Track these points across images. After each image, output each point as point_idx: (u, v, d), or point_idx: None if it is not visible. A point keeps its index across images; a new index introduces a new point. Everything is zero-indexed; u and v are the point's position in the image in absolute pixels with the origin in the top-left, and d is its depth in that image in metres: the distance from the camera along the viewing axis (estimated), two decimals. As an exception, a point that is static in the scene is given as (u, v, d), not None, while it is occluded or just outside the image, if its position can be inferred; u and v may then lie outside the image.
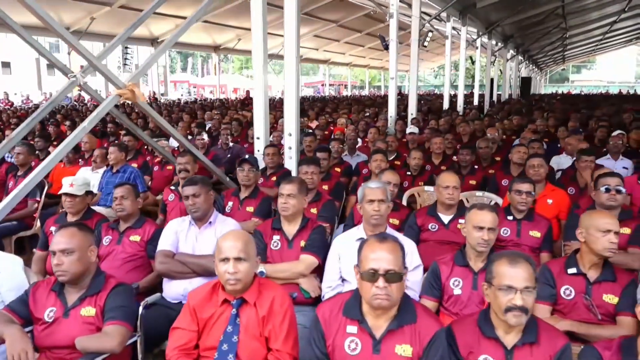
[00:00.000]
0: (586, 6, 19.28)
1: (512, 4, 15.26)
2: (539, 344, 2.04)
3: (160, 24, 18.87)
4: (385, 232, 3.06)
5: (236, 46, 23.45)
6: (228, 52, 26.48)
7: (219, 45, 23.89)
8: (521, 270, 2.02)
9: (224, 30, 20.79)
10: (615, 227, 2.64)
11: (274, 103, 19.31)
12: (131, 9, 15.37)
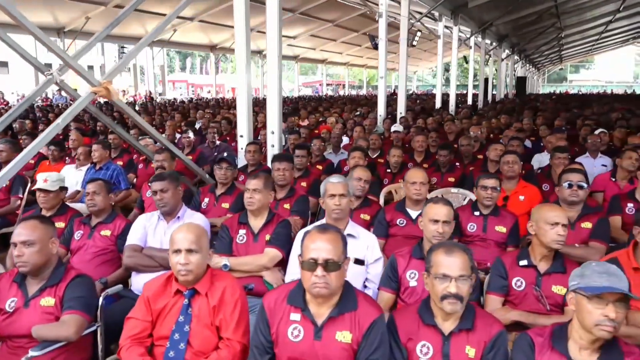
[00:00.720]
0: (580, 6, 19.33)
1: (505, 3, 15.32)
2: (475, 330, 2.11)
3: (155, 24, 18.95)
4: (337, 224, 3.14)
5: (233, 46, 23.49)
6: (225, 52, 26.58)
7: (215, 44, 24.00)
8: (457, 259, 2.09)
9: (220, 30, 20.87)
10: (562, 220, 2.71)
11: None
12: (122, 8, 15.42)
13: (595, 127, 8.18)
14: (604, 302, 1.89)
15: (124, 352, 2.30)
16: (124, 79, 39.23)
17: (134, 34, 19.88)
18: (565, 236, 2.71)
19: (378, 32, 10.48)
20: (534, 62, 38.46)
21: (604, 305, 1.88)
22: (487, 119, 10.45)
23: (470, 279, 2.09)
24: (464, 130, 8.71)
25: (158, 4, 15.49)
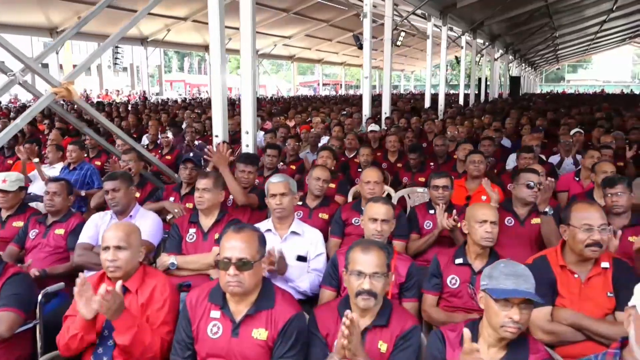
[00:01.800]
0: (572, 6, 19.35)
1: (494, 3, 15.34)
2: (389, 326, 2.16)
3: (149, 24, 19.02)
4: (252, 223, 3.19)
5: (227, 45, 23.53)
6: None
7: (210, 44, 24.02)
8: (372, 257, 2.13)
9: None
10: (491, 218, 2.76)
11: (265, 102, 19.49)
12: (119, 8, 15.46)
13: (574, 127, 8.23)
14: (509, 304, 1.93)
15: (62, 347, 2.34)
16: (121, 79, 39.36)
17: (126, 34, 19.95)
18: (494, 233, 2.76)
19: (374, 32, 10.49)
20: (530, 62, 38.46)
21: (509, 307, 1.93)
22: (471, 119, 10.48)
23: (385, 276, 2.13)
24: (445, 130, 8.75)
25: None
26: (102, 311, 2.14)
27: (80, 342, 2.29)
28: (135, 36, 20.55)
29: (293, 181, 3.38)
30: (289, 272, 2.99)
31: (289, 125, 9.51)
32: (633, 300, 1.71)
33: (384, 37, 10.79)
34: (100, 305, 2.09)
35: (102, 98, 25.35)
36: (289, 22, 20.68)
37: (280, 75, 53.05)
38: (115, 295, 2.12)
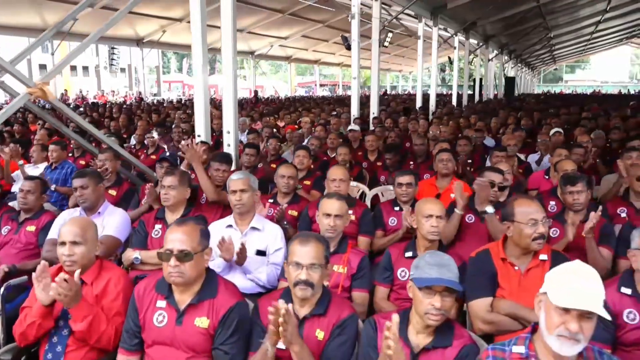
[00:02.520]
0: (565, 6, 19.42)
1: (486, 4, 15.41)
2: (327, 315, 2.26)
3: (145, 25, 19.13)
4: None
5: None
6: (215, 53, 26.66)
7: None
8: (309, 248, 2.23)
9: (209, 31, 20.92)
10: (436, 212, 2.87)
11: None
12: (114, 9, 15.56)
13: (558, 126, 8.31)
14: (432, 292, 2.04)
15: (19, 336, 2.44)
16: (119, 79, 39.46)
17: (122, 35, 20.09)
18: (439, 227, 2.86)
19: (369, 33, 10.58)
20: (526, 62, 38.52)
21: (432, 295, 2.03)
22: (458, 119, 10.58)
23: (322, 267, 2.23)
24: (430, 130, 8.84)
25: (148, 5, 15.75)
26: (59, 298, 2.24)
27: (37, 329, 2.39)
28: (131, 37, 20.63)
29: (254, 178, 3.48)
30: (248, 265, 3.09)
31: (272, 125, 9.61)
32: (544, 287, 1.82)
33: (372, 38, 10.89)
34: (57, 291, 2.19)
35: (98, 99, 25.41)
36: (285, 23, 20.76)
37: (279, 76, 53.24)
38: (72, 283, 2.22)
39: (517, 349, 1.86)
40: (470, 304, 2.66)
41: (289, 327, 1.98)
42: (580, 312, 1.67)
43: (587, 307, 1.66)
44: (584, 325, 1.68)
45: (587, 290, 1.69)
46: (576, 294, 1.68)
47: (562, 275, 1.76)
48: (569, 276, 1.75)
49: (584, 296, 1.67)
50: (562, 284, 1.73)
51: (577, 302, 1.67)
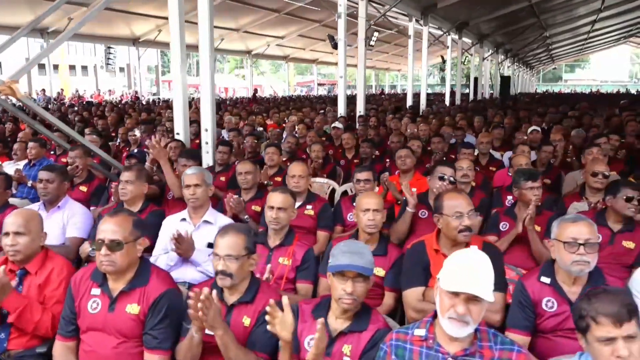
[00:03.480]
0: (558, 5, 19.45)
1: (477, 3, 15.48)
2: (253, 303, 2.35)
3: (141, 24, 19.24)
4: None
5: (219, 46, 23.71)
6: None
7: (201, 44, 24.18)
8: (226, 240, 2.33)
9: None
10: (373, 206, 2.96)
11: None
12: (108, 9, 15.66)
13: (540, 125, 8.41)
14: (345, 278, 2.13)
15: None
16: (118, 79, 39.63)
17: (118, 35, 20.22)
18: (376, 220, 2.96)
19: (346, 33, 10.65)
20: (524, 62, 38.52)
21: (345, 281, 2.12)
22: (443, 117, 10.67)
23: (240, 258, 2.32)
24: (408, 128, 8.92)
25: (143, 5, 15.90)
26: None
27: None
28: (127, 37, 20.74)
29: (208, 173, 3.58)
30: (197, 257, 3.19)
31: (261, 124, 9.72)
32: (439, 274, 1.91)
33: (358, 38, 10.97)
34: None
35: (95, 98, 25.57)
36: (281, 22, 20.81)
37: (279, 76, 53.33)
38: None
39: (419, 332, 1.95)
40: (404, 293, 2.76)
41: (210, 312, 2.08)
42: (467, 295, 1.76)
43: (472, 291, 1.76)
44: (471, 308, 1.78)
45: (473, 276, 1.79)
46: (463, 279, 1.78)
47: (453, 262, 1.86)
48: (458, 263, 1.84)
49: (470, 281, 1.77)
50: (451, 270, 1.83)
51: (463, 287, 1.77)
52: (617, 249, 3.32)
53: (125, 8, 16.19)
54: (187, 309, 2.28)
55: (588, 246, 2.31)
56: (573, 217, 2.46)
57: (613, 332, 1.67)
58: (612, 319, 1.67)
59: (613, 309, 1.68)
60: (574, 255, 2.32)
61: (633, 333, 1.67)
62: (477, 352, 1.85)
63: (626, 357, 1.65)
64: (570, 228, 2.36)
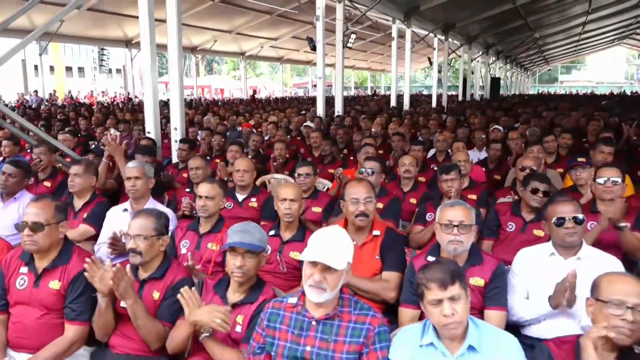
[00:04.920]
0: (545, 8, 19.66)
1: (461, 5, 15.71)
2: (163, 278, 2.63)
3: (133, 26, 19.49)
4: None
5: (213, 47, 23.98)
6: (205, 54, 27.10)
7: (196, 46, 24.44)
8: (136, 221, 2.62)
9: (200, 32, 21.28)
10: (290, 196, 3.25)
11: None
12: (99, 10, 15.96)
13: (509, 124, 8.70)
14: (236, 254, 2.40)
15: None
16: (115, 80, 39.99)
17: (110, 36, 20.49)
18: (293, 210, 3.23)
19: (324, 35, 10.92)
20: (517, 63, 38.76)
21: (236, 256, 2.39)
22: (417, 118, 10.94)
23: (149, 238, 2.58)
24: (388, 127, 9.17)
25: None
26: None
27: None
28: (120, 38, 21.01)
29: (149, 166, 3.85)
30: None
31: (235, 124, 9.99)
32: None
33: (336, 39, 11.25)
34: None
35: (88, 99, 25.90)
36: (274, 24, 20.99)
37: (277, 77, 53.64)
38: None
39: (292, 300, 2.22)
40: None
41: (122, 284, 2.37)
42: (322, 265, 2.03)
43: (325, 260, 2.03)
44: (327, 277, 2.05)
45: (328, 248, 2.05)
46: (319, 251, 2.05)
47: (315, 237, 2.14)
48: (318, 238, 2.12)
49: (324, 252, 2.04)
50: (312, 243, 2.10)
51: (318, 257, 2.03)
52: (528, 236, 3.56)
53: (117, 10, 16.45)
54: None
55: (461, 227, 2.57)
56: (451, 203, 2.72)
57: (439, 295, 1.93)
58: (438, 284, 1.93)
59: (439, 275, 1.94)
60: (449, 236, 2.58)
61: (456, 295, 1.93)
62: (337, 315, 2.12)
63: (450, 315, 1.92)
64: (447, 212, 2.63)
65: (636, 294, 1.89)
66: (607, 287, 1.94)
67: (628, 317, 1.85)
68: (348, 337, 2.09)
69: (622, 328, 1.85)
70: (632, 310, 1.86)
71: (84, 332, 2.57)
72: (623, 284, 1.93)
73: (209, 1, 15.84)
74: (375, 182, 4.15)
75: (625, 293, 1.89)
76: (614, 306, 1.88)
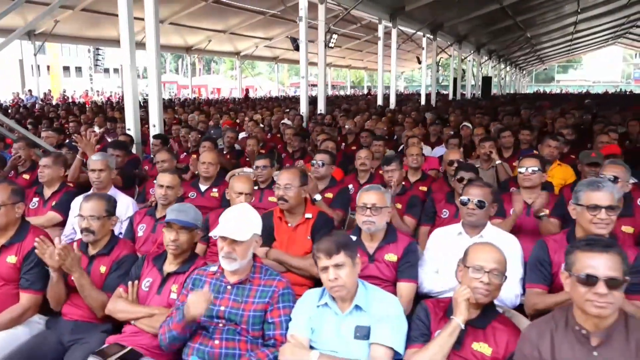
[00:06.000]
0: (531, 8, 19.92)
1: (446, 6, 15.96)
2: (110, 255, 2.95)
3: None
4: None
5: (207, 47, 24.27)
6: (200, 53, 27.39)
7: (191, 46, 24.73)
8: (90, 203, 2.94)
9: (194, 32, 21.56)
10: (244, 190, 3.57)
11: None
12: (92, 11, 16.26)
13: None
14: (171, 229, 2.72)
15: None
16: (112, 80, 40.32)
17: (105, 37, 20.78)
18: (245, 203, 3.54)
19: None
20: (511, 62, 39.05)
21: (170, 231, 2.72)
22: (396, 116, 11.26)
23: (100, 218, 2.90)
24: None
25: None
26: None
27: None
28: (114, 38, 21.24)
29: (112, 159, 4.18)
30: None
31: (207, 122, 10.32)
32: None
33: (318, 40, 11.55)
34: None
35: (83, 98, 26.28)
36: (269, 24, 21.21)
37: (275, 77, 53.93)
38: None
39: (213, 268, 2.56)
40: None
41: (68, 259, 2.69)
42: (228, 239, 2.36)
43: (230, 235, 2.35)
44: (236, 248, 2.38)
45: (233, 224, 2.39)
46: (225, 226, 2.38)
47: (224, 214, 2.48)
48: (226, 215, 2.47)
49: (229, 227, 2.37)
50: (221, 220, 2.45)
51: (224, 232, 2.36)
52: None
53: (111, 10, 16.73)
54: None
55: (374, 209, 2.88)
56: (367, 188, 3.03)
57: (326, 262, 2.26)
58: (324, 253, 2.26)
59: (326, 245, 2.27)
60: (363, 217, 2.90)
61: (340, 262, 2.25)
62: (248, 280, 2.47)
63: (334, 279, 2.24)
64: (362, 195, 2.94)
65: (494, 260, 2.21)
66: (471, 255, 2.26)
67: (484, 279, 2.17)
68: (257, 298, 2.43)
69: (480, 289, 2.18)
70: (489, 274, 2.17)
71: (37, 300, 2.89)
72: (484, 252, 2.25)
73: (202, 1, 16.14)
74: (325, 173, 4.51)
75: (484, 260, 2.21)
76: (475, 270, 2.20)
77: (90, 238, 2.90)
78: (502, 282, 2.19)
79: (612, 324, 1.88)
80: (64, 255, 2.67)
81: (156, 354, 2.57)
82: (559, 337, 1.94)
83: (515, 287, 2.83)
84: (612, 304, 1.82)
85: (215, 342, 2.38)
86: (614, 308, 1.84)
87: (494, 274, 2.16)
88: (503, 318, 2.26)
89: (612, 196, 2.56)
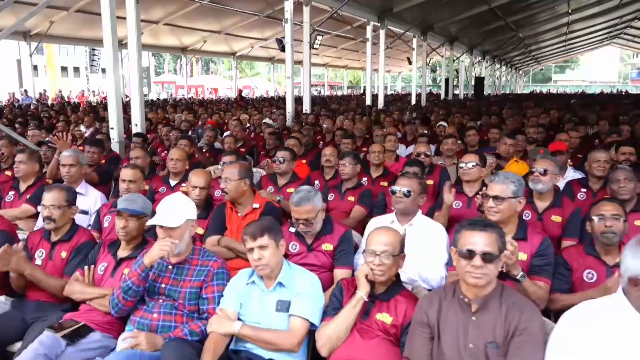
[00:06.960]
0: (522, 9, 20.13)
1: (435, 7, 16.20)
2: (70, 241, 3.22)
3: (124, 27, 19.94)
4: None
5: (203, 47, 24.51)
6: (196, 54, 27.65)
7: (186, 46, 24.97)
8: (51, 193, 3.20)
9: (190, 33, 21.81)
10: (199, 184, 3.82)
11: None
12: (86, 12, 16.52)
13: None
14: (121, 218, 2.99)
15: None
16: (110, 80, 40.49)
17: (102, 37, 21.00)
18: (200, 196, 3.81)
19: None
20: (506, 62, 39.27)
21: (120, 219, 2.99)
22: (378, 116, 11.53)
23: (61, 207, 3.17)
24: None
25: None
26: None
27: None
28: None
29: (82, 155, 4.45)
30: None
31: (192, 121, 10.61)
32: None
33: (303, 41, 11.82)
34: None
35: (79, 98, 26.60)
36: (264, 24, 21.38)
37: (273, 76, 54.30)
38: None
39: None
40: (205, 239, 3.61)
41: (12, 261, 2.96)
42: (164, 227, 2.64)
43: (162, 222, 2.64)
44: (171, 234, 2.66)
45: (164, 212, 2.67)
46: (158, 215, 2.67)
47: (159, 205, 2.75)
48: (160, 205, 2.77)
49: (161, 216, 2.67)
50: (157, 210, 2.70)
51: (156, 220, 2.66)
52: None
53: (97, 10, 16.91)
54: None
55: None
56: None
57: (251, 244, 2.53)
58: (250, 236, 2.53)
59: (252, 229, 2.55)
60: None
61: (264, 244, 2.52)
62: (187, 261, 2.76)
63: (257, 259, 2.52)
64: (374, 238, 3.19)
65: (383, 243, 2.46)
66: (368, 240, 2.56)
67: (376, 261, 2.44)
68: (194, 277, 2.72)
69: (375, 270, 2.44)
70: (379, 256, 2.44)
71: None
72: (375, 237, 2.52)
73: (196, 2, 16.39)
74: (286, 169, 4.79)
75: (376, 243, 2.48)
76: (369, 254, 2.48)
77: (51, 226, 3.17)
78: (396, 260, 2.46)
79: (489, 293, 2.17)
80: (6, 259, 2.93)
81: (106, 329, 2.85)
82: (446, 304, 2.24)
83: (441, 269, 3.13)
84: (486, 275, 2.11)
85: (154, 316, 2.67)
86: (489, 279, 2.13)
87: (385, 255, 2.44)
88: (407, 292, 2.55)
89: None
